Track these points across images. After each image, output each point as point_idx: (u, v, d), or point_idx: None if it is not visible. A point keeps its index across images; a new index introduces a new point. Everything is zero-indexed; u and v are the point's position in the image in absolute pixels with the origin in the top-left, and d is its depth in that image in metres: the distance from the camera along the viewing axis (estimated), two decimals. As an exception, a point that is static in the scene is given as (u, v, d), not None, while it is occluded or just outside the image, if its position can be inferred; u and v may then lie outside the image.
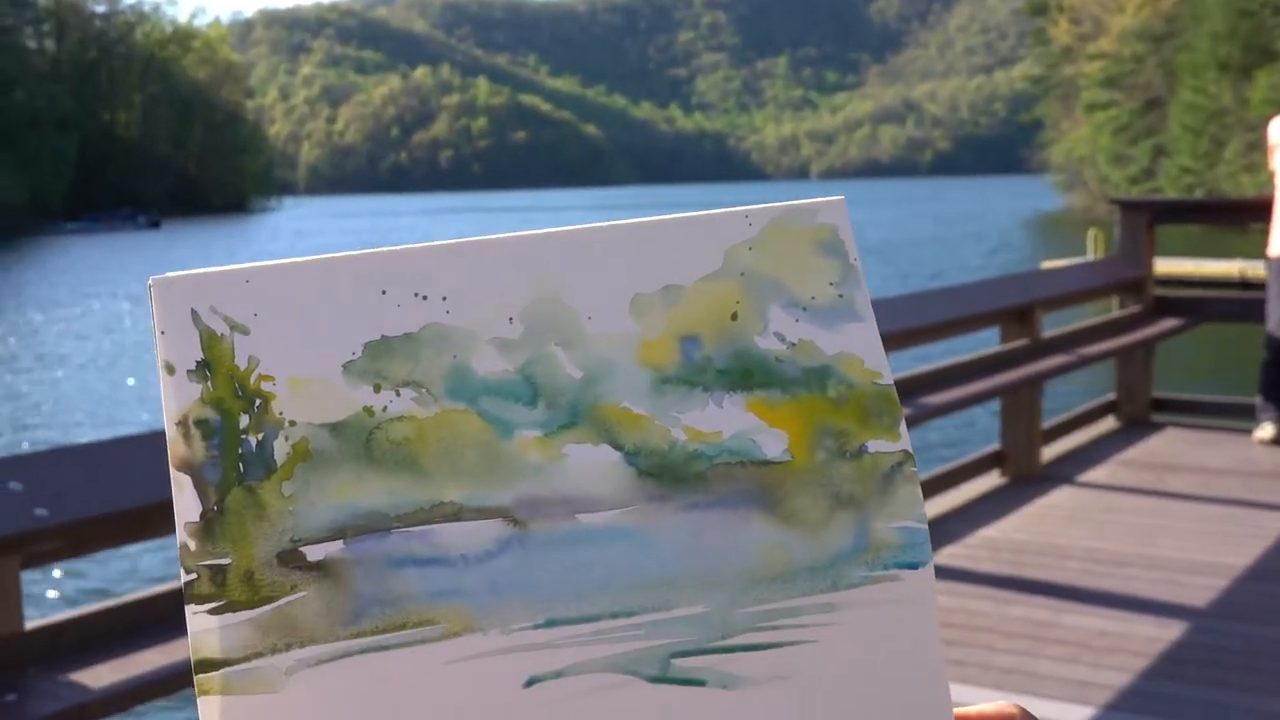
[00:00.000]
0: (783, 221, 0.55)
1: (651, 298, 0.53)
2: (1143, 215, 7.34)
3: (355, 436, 0.50)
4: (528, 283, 0.52)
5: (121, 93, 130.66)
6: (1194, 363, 15.03)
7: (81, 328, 27.94)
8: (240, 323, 0.51)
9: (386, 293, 0.51)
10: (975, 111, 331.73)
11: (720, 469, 0.52)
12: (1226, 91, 53.39)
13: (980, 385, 5.45)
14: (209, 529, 0.49)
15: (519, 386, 0.51)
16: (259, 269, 0.52)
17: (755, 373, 0.52)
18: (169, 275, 0.51)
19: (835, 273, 0.54)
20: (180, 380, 0.50)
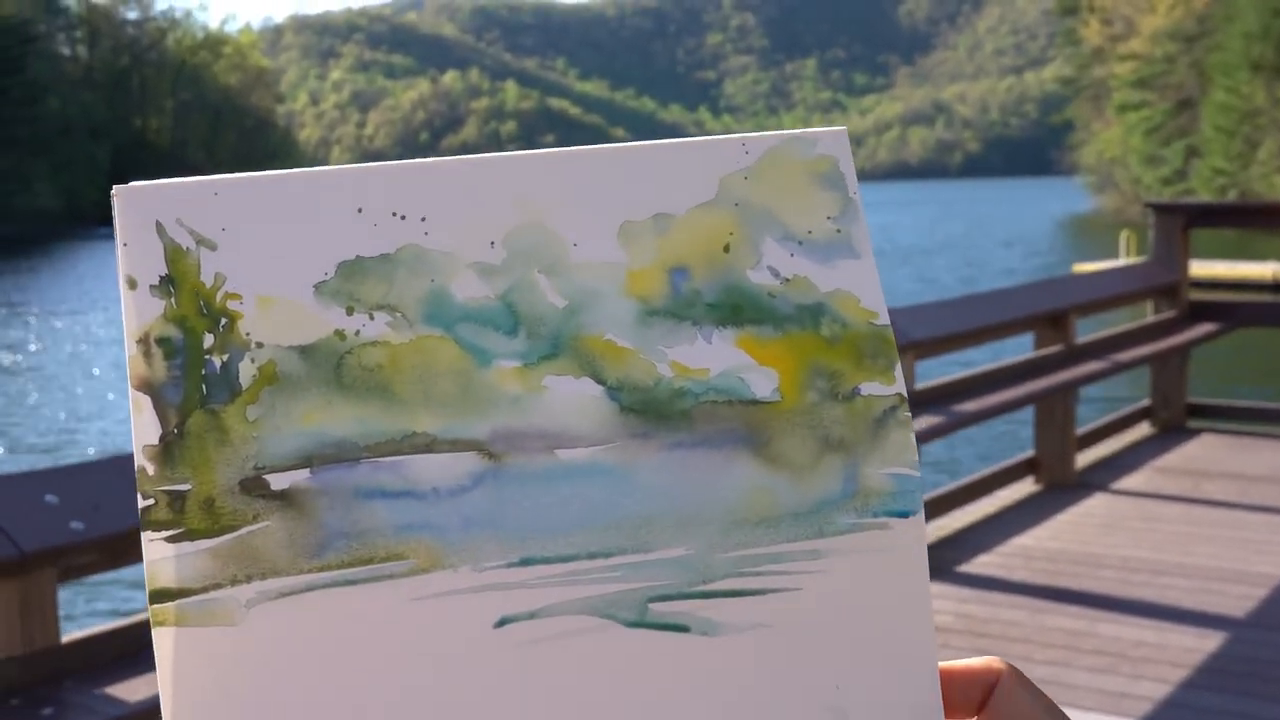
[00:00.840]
0: (781, 151, 0.53)
1: (640, 225, 0.50)
2: (1178, 219, 7.28)
3: (325, 361, 0.48)
4: (512, 205, 0.50)
5: (153, 99, 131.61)
6: (1229, 367, 14.90)
7: (113, 333, 28.11)
8: (207, 237, 0.48)
9: (362, 210, 0.49)
10: (1005, 113, 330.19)
11: (706, 407, 0.50)
12: (1259, 92, 52.98)
13: (1014, 392, 5.42)
14: (168, 452, 0.47)
15: (499, 314, 0.49)
16: (228, 180, 0.50)
17: (746, 308, 0.50)
18: (134, 185, 0.49)
19: (834, 206, 0.52)
20: (142, 295, 0.48)
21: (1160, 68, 62.55)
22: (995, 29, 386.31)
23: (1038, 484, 6.22)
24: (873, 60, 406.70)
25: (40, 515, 2.58)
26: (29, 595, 2.49)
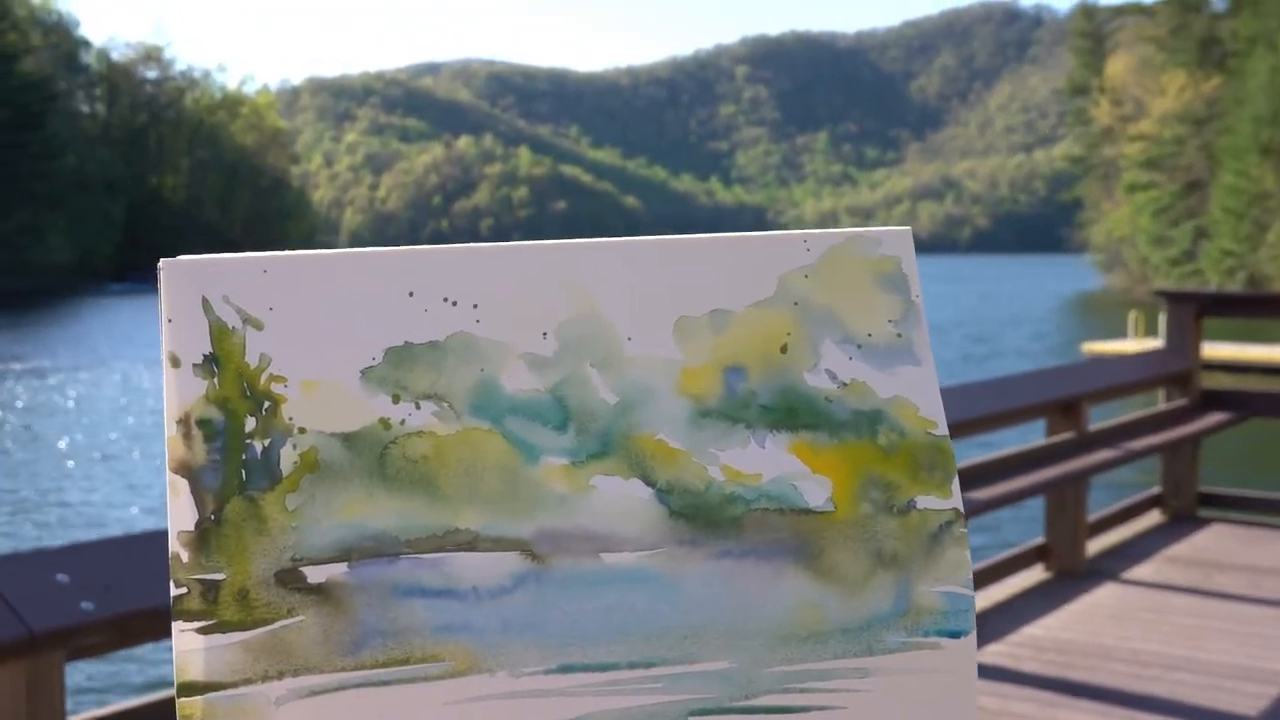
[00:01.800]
0: (843, 250, 0.50)
1: (697, 321, 0.48)
2: (1190, 307, 7.28)
3: (369, 450, 0.45)
4: (566, 295, 0.47)
5: (170, 157, 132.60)
6: (1241, 455, 14.85)
7: (126, 399, 28.14)
8: (254, 316, 0.45)
9: (414, 294, 0.46)
10: (1015, 190, 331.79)
11: (757, 515, 0.47)
12: (1269, 175, 53.25)
13: (1027, 480, 5.40)
14: (204, 540, 0.45)
15: (549, 408, 0.46)
16: (278, 258, 0.47)
17: (802, 412, 0.48)
18: (181, 259, 0.46)
19: (895, 309, 0.50)
20: (185, 374, 0.45)
21: (1170, 149, 62.93)
22: (1006, 106, 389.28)
23: (1048, 571, 6.18)
24: (884, 134, 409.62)
25: (51, 595, 2.57)
26: (37, 676, 2.47)
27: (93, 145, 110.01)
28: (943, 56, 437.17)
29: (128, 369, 32.87)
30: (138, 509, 14.98)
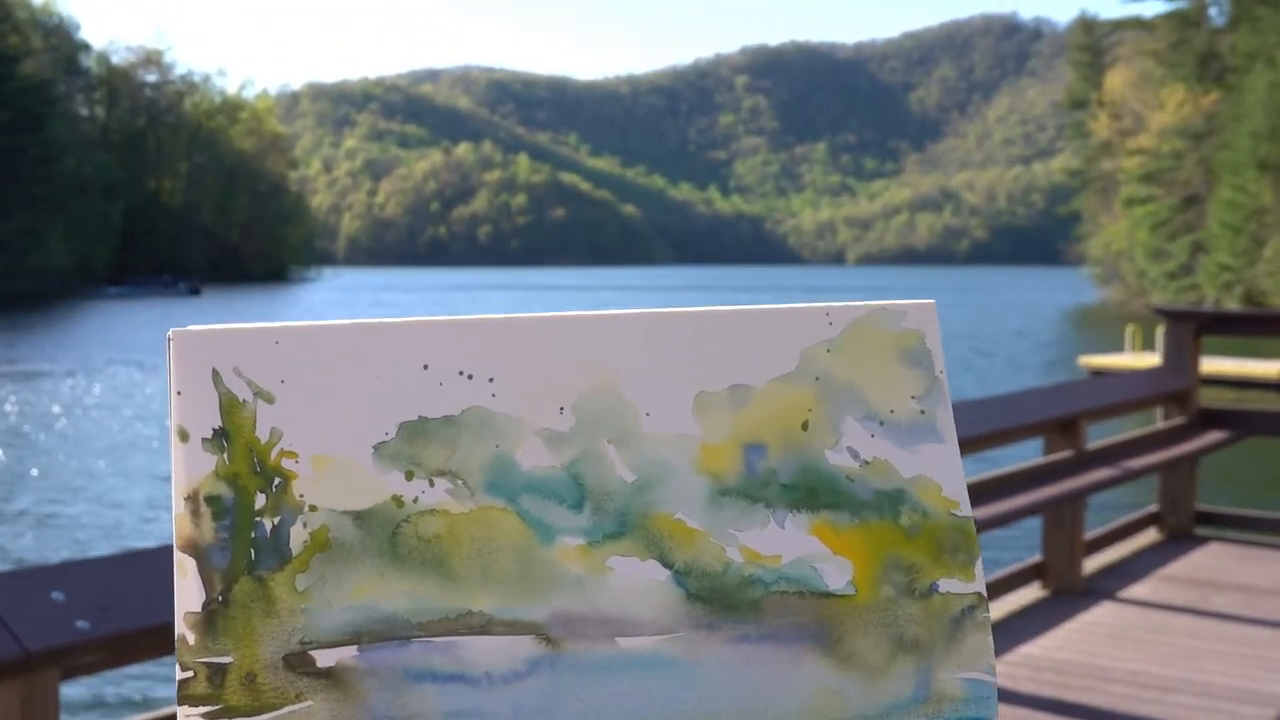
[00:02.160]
0: (866, 323, 0.49)
1: (716, 397, 0.47)
2: (1189, 325, 7.28)
3: (381, 529, 0.45)
4: (584, 369, 0.46)
5: (168, 161, 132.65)
6: (1238, 473, 14.85)
7: (121, 406, 28.11)
8: (265, 389, 0.45)
9: (429, 367, 0.46)
10: (1013, 202, 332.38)
11: (776, 598, 0.46)
12: (1266, 190, 53.35)
13: (1025, 499, 5.39)
14: (211, 621, 0.44)
15: (565, 486, 0.45)
16: (290, 329, 0.47)
17: (823, 491, 0.47)
18: (191, 328, 0.45)
19: (919, 385, 0.49)
20: (194, 449, 0.45)
21: (1168, 163, 63.02)
22: (1005, 119, 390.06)
23: (1045, 589, 6.17)
24: (883, 145, 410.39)
25: (46, 613, 2.55)
26: (31, 695, 2.45)
27: (92, 149, 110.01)
28: (942, 68, 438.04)
29: (124, 374, 32.85)
30: (132, 522, 14.94)
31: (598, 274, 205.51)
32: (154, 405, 25.94)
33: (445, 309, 76.44)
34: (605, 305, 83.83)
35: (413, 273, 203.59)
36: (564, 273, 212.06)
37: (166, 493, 16.66)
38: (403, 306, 79.90)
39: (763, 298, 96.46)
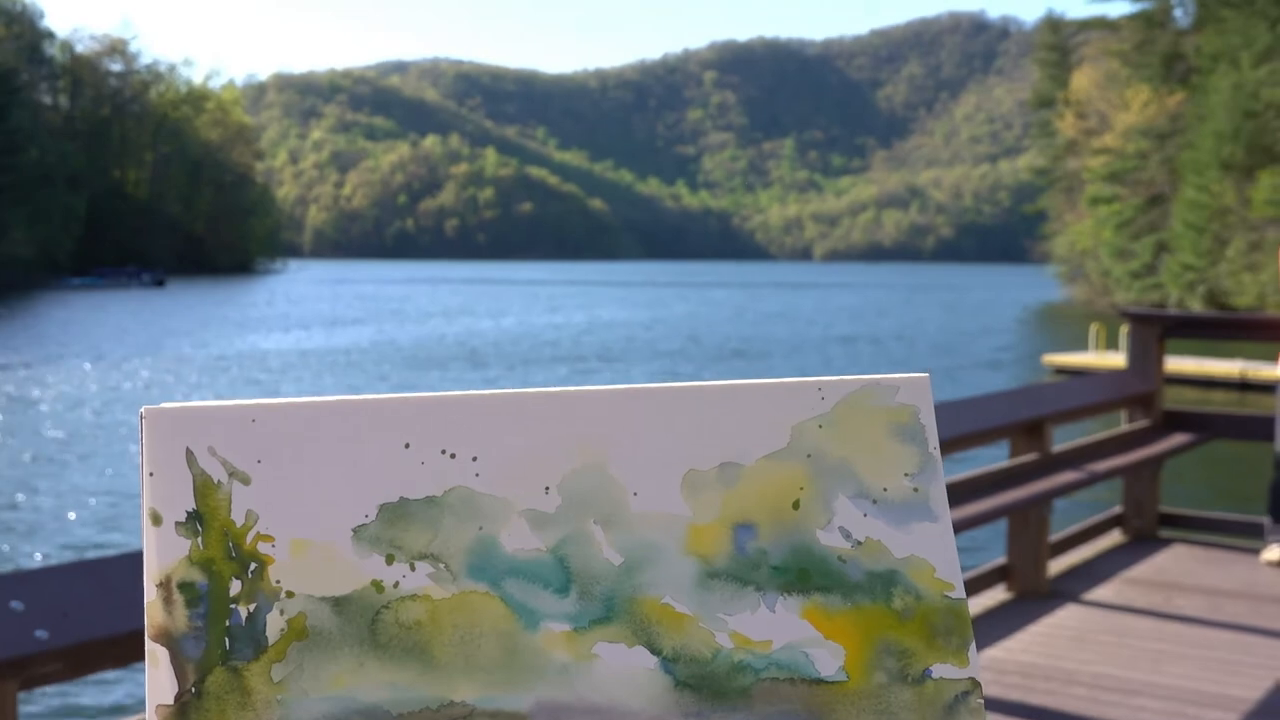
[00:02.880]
0: (858, 398, 0.49)
1: (706, 475, 0.46)
2: (1154, 329, 7.32)
3: (360, 615, 0.43)
4: (570, 446, 0.45)
5: (133, 151, 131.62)
6: (1201, 475, 14.97)
7: (81, 399, 27.87)
8: (241, 469, 0.44)
9: (410, 446, 0.45)
10: (979, 200, 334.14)
11: (767, 685, 0.45)
12: (1229, 191, 53.81)
13: (991, 502, 5.41)
14: (184, 715, 0.42)
15: (550, 569, 0.44)
16: (267, 407, 0.45)
17: (814, 573, 0.46)
18: (164, 406, 0.44)
19: (912, 462, 0.48)
20: (166, 533, 0.43)
21: (1133, 163, 63.46)
22: (972, 117, 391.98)
23: (1009, 591, 6.19)
24: (850, 142, 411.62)
25: (3, 622, 2.52)
26: (-11, 706, 2.42)
27: (55, 138, 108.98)
28: (910, 66, 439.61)
29: (82, 367, 32.56)
30: (91, 524, 14.80)
31: (564, 268, 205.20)
32: (113, 399, 25.73)
33: (409, 301, 76.18)
34: (571, 298, 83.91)
35: (379, 266, 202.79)
36: (531, 267, 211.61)
37: (125, 493, 16.53)
38: (369, 299, 79.57)
39: (731, 293, 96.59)
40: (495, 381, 30.30)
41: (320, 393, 25.54)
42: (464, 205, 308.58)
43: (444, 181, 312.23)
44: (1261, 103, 53.30)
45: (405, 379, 31.00)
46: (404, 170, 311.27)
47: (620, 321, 58.67)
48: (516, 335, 47.95)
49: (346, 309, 66.34)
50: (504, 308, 71.68)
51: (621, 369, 33.07)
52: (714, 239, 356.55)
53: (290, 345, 40.75)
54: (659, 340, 45.53)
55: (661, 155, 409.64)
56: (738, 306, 75.57)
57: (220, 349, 38.67)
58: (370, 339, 44.25)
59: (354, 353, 38.25)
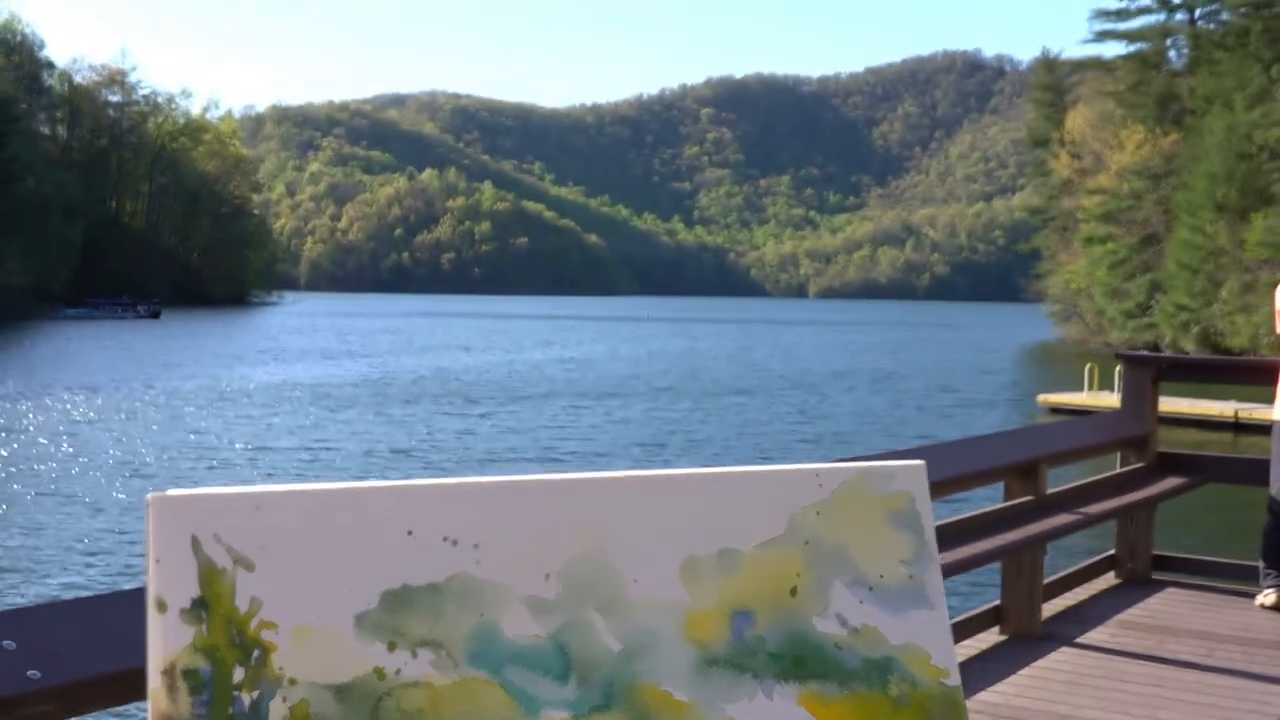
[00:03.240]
0: (855, 485, 0.48)
1: (704, 561, 0.46)
2: (1148, 370, 7.33)
3: (362, 703, 0.41)
4: (570, 534, 0.44)
5: (130, 182, 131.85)
6: (1196, 517, 14.96)
7: (72, 432, 27.80)
8: (245, 556, 0.42)
9: (413, 533, 0.43)
10: (974, 238, 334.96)
11: None
12: (1223, 232, 53.99)
13: (987, 545, 5.40)
14: None
15: (550, 656, 0.42)
16: (272, 494, 0.43)
17: (811, 660, 0.46)
18: (171, 494, 0.41)
19: (908, 549, 0.47)
20: (171, 621, 0.41)
21: (1127, 203, 63.68)
22: (967, 156, 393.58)
23: (1003, 634, 6.17)
24: (846, 180, 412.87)
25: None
26: (-22, 747, 2.40)
27: (53, 168, 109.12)
28: (905, 104, 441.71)
29: (75, 398, 32.49)
30: (82, 560, 14.71)
31: (560, 303, 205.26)
32: (103, 432, 25.66)
33: (404, 336, 76.15)
34: (566, 332, 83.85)
35: (375, 299, 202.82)
36: (526, 301, 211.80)
37: (117, 528, 16.46)
38: (364, 332, 79.54)
39: (726, 329, 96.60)
40: (489, 417, 30.27)
41: (312, 432, 25.54)
42: (460, 239, 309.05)
43: (441, 215, 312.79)
44: (1255, 145, 53.57)
45: (398, 414, 30.96)
46: (401, 203, 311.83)
47: (615, 356, 58.68)
48: (510, 370, 47.93)
49: (340, 342, 66.32)
50: (499, 342, 71.68)
51: (615, 406, 33.06)
52: (710, 275, 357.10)
53: (283, 378, 40.70)
54: (654, 376, 45.54)
55: (658, 191, 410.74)
56: (733, 342, 75.63)
57: (213, 382, 38.61)
58: (363, 373, 44.22)
59: (346, 386, 38.21)
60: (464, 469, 21.46)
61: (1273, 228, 50.92)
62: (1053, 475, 6.78)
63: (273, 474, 20.76)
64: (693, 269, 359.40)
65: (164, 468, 21.07)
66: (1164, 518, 7.86)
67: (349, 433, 26.25)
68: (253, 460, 21.79)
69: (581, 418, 30.26)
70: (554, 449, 24.20)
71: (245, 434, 25.55)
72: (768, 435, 27.16)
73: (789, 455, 23.74)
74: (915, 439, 25.13)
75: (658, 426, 28.69)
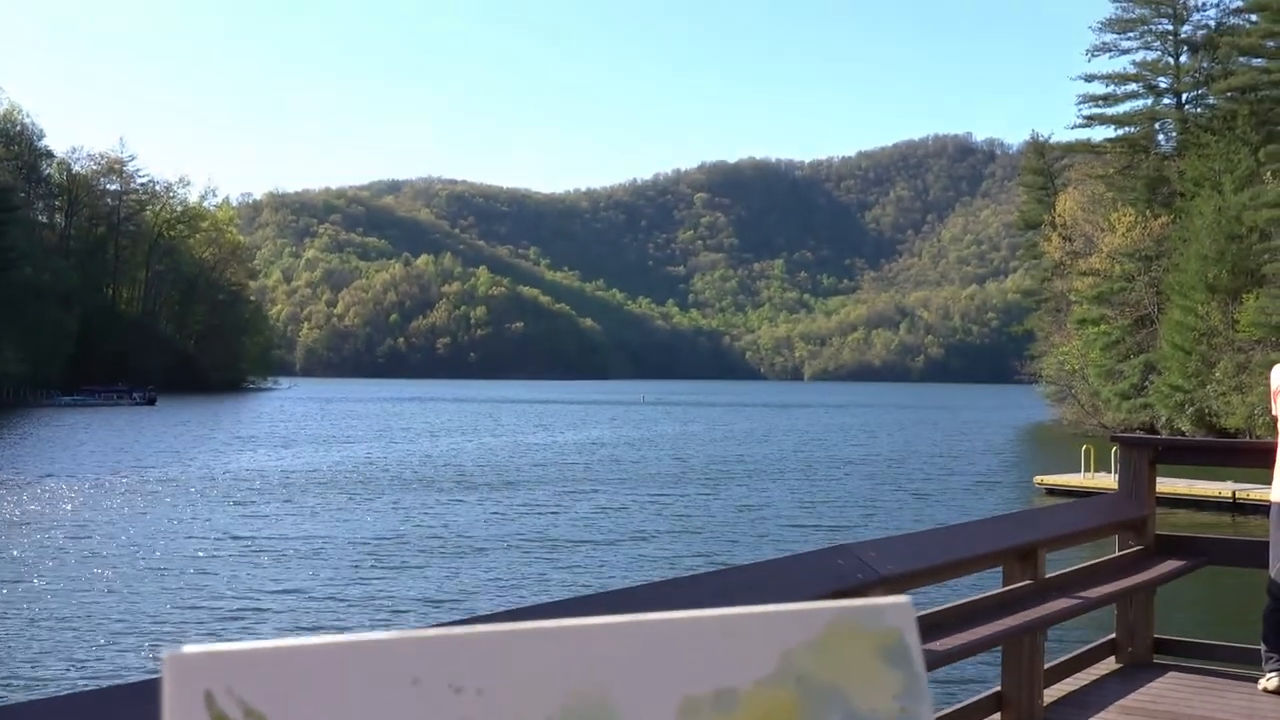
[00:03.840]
0: (845, 622, 0.49)
1: (701, 701, 0.46)
2: (1145, 454, 7.33)
3: None
4: (570, 678, 0.46)
5: (127, 269, 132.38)
6: (1196, 599, 14.88)
7: (67, 521, 27.68)
8: (256, 709, 0.44)
9: (418, 682, 0.45)
10: (967, 320, 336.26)
11: None
12: (1215, 312, 54.23)
13: (986, 630, 5.36)
14: None
15: None
16: (283, 650, 0.46)
17: None
18: (186, 652, 0.44)
19: (899, 684, 0.48)
20: None
21: (1119, 285, 64.02)
22: (959, 238, 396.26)
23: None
24: (839, 263, 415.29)
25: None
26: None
27: (50, 256, 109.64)
28: (897, 187, 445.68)
29: (70, 487, 32.37)
30: (80, 652, 14.59)
31: (556, 387, 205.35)
32: (99, 519, 25.54)
33: (400, 420, 76.05)
34: (562, 416, 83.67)
35: (370, 384, 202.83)
36: (522, 385, 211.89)
37: (103, 617, 16.33)
38: (359, 417, 79.47)
39: (723, 413, 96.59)
40: (482, 503, 30.16)
41: (306, 523, 25.40)
42: (456, 324, 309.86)
43: (436, 300, 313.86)
44: (1245, 226, 54.00)
45: (390, 502, 30.84)
46: (396, 289, 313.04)
47: (610, 440, 58.59)
48: (505, 455, 47.83)
49: (335, 428, 66.21)
50: (494, 426, 71.60)
51: (610, 493, 32.93)
52: (705, 358, 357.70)
53: (276, 465, 40.60)
54: (653, 461, 45.43)
55: (653, 274, 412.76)
56: (730, 426, 75.56)
57: (207, 469, 38.52)
58: (357, 459, 44.10)
59: (339, 473, 38.12)
60: (453, 560, 21.33)
61: (1265, 308, 51.16)
62: (1051, 558, 6.75)
63: (261, 570, 20.66)
64: (688, 352, 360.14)
65: (154, 564, 20.95)
66: (1163, 599, 7.82)
67: (340, 522, 26.13)
68: (243, 558, 21.66)
69: (575, 506, 30.15)
70: (547, 535, 24.05)
71: (237, 526, 25.42)
72: (766, 521, 27.05)
73: (788, 543, 23.64)
74: (913, 523, 25.04)
75: (655, 512, 28.58)
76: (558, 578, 19.25)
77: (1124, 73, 68.79)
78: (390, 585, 18.47)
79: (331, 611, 16.48)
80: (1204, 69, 66.25)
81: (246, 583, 18.43)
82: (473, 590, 18.18)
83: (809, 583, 4.28)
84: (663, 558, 21.57)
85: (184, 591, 17.69)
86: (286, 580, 18.77)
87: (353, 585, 18.40)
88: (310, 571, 19.58)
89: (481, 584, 18.70)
